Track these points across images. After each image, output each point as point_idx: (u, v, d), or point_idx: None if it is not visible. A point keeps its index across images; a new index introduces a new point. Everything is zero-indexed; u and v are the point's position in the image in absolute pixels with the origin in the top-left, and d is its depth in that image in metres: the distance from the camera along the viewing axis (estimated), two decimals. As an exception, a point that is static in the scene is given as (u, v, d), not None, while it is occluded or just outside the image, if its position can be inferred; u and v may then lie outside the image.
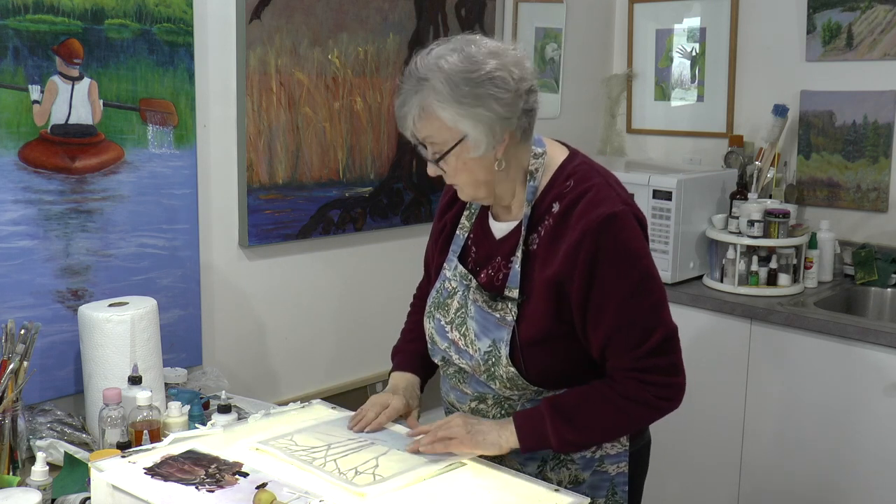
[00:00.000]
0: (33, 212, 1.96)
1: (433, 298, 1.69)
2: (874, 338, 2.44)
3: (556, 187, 1.57)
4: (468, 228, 1.69)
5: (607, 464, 1.64)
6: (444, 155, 1.51)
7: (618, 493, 1.65)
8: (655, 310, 1.52)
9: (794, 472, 2.64)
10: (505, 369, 1.55)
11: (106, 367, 1.91)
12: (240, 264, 2.42)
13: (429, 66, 1.48)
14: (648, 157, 3.58)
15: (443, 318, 1.66)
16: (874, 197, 2.97)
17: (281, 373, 2.57)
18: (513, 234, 1.61)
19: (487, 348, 1.57)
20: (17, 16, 1.88)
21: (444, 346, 1.66)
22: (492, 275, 1.61)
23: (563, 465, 1.62)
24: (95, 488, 1.41)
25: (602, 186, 1.54)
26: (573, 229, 1.50)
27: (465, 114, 1.47)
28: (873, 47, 2.93)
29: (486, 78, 1.46)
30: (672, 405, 1.54)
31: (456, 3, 2.84)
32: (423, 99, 1.48)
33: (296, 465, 1.45)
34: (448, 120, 1.48)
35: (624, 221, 1.50)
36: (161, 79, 2.13)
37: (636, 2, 3.53)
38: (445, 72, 1.46)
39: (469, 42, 1.50)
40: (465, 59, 1.47)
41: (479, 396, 1.63)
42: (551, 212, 1.55)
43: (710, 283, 2.92)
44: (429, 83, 1.47)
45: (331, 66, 2.52)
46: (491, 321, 1.57)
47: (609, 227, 1.48)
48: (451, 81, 1.45)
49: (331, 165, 2.56)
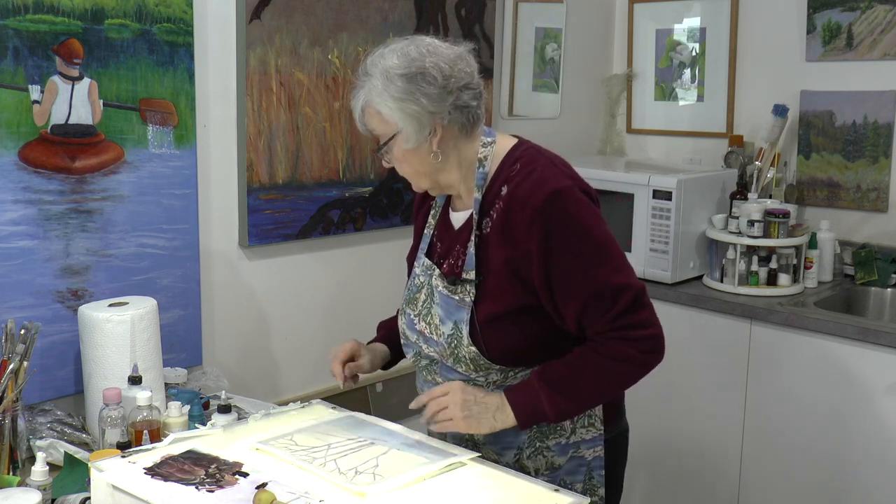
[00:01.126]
0: (33, 212, 1.96)
1: (404, 296, 1.77)
2: (874, 338, 2.44)
3: (504, 171, 1.64)
4: (433, 226, 1.76)
5: (583, 449, 1.68)
6: (382, 146, 1.62)
7: (594, 477, 1.69)
8: (618, 273, 1.57)
9: (794, 472, 2.64)
10: (467, 349, 1.61)
11: (106, 367, 1.91)
12: (240, 264, 2.42)
13: (374, 62, 1.59)
14: (648, 157, 3.58)
15: (412, 312, 1.73)
16: (874, 197, 2.98)
17: (281, 373, 2.57)
18: (469, 221, 1.67)
19: (450, 331, 1.63)
20: (17, 16, 1.88)
21: (414, 338, 1.73)
22: (452, 263, 1.68)
23: (540, 452, 1.66)
24: (95, 488, 1.41)
25: (547, 166, 1.61)
26: (522, 210, 1.57)
27: (397, 108, 1.56)
28: (873, 47, 2.93)
29: (417, 73, 1.55)
30: (657, 357, 1.59)
31: (456, 3, 2.84)
32: (366, 94, 1.59)
33: (296, 465, 1.45)
34: (385, 114, 1.58)
35: (569, 194, 1.56)
36: (161, 79, 2.13)
37: (636, 2, 3.53)
38: (383, 68, 1.57)
39: (412, 41, 1.60)
40: (401, 56, 1.57)
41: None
42: (500, 195, 1.62)
43: (710, 283, 2.92)
44: (371, 79, 1.58)
45: (331, 66, 2.52)
46: (452, 304, 1.64)
47: (555, 203, 1.54)
48: (387, 77, 1.56)
49: (331, 165, 2.56)
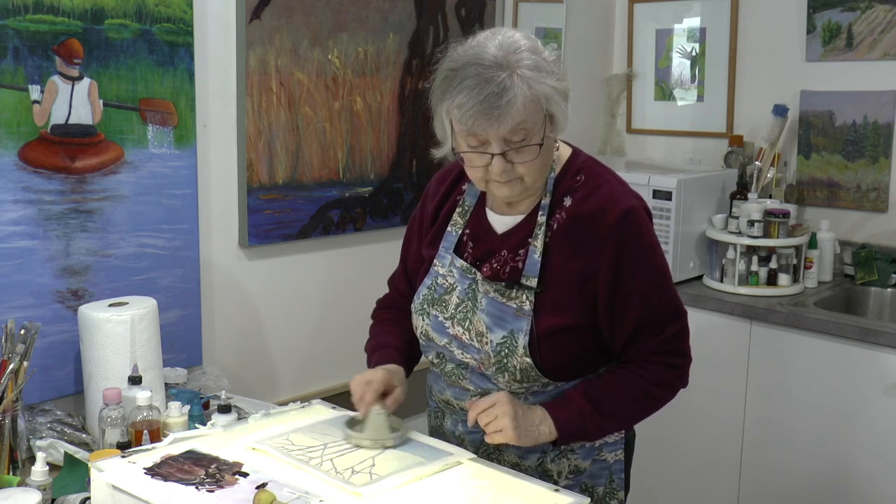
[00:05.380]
0: (33, 212, 1.96)
1: (425, 296, 1.67)
2: (874, 338, 2.44)
3: (566, 181, 1.59)
4: (462, 225, 1.67)
5: (605, 452, 1.67)
6: (532, 139, 1.46)
7: (615, 480, 1.69)
8: (674, 297, 1.61)
9: (794, 472, 2.63)
10: (520, 360, 1.54)
11: (106, 367, 1.91)
12: (240, 264, 2.42)
13: (504, 49, 1.43)
14: (648, 157, 3.58)
15: (440, 315, 1.64)
16: (874, 197, 2.97)
17: (281, 373, 2.57)
18: (519, 227, 1.60)
19: (501, 339, 1.55)
20: (17, 16, 1.88)
21: (444, 342, 1.64)
22: (497, 268, 1.60)
23: (564, 455, 1.63)
24: (95, 488, 1.41)
25: (615, 182, 1.59)
26: (594, 224, 1.53)
27: (553, 88, 1.45)
28: (873, 47, 2.93)
29: (552, 58, 1.47)
30: (683, 384, 1.62)
31: (456, 3, 2.85)
32: (526, 81, 1.42)
33: (292, 465, 1.45)
34: (542, 98, 1.45)
35: (640, 215, 1.56)
36: (161, 79, 2.13)
37: (636, 2, 3.53)
38: (527, 50, 1.44)
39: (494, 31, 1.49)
40: (524, 38, 1.46)
41: (483, 392, 1.61)
42: (563, 205, 1.57)
43: (710, 283, 2.92)
44: (518, 65, 1.42)
45: (331, 66, 2.52)
46: (508, 312, 1.56)
47: (628, 222, 1.53)
48: (534, 59, 1.44)
49: (331, 165, 2.56)
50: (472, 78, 1.41)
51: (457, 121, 1.46)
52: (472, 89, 1.41)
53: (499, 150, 1.46)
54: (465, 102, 1.42)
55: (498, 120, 1.42)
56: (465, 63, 1.44)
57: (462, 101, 1.42)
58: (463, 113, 1.43)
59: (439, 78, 1.49)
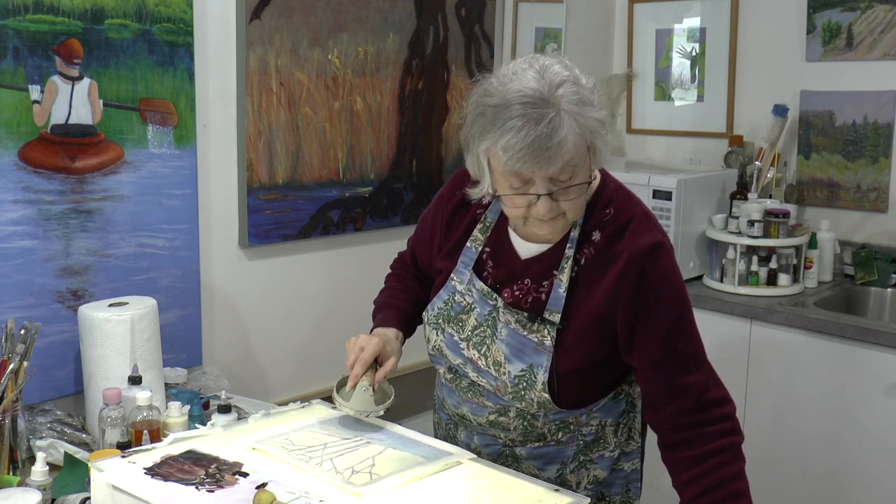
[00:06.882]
0: (33, 212, 1.96)
1: (439, 310, 1.62)
2: (874, 338, 2.44)
3: (595, 214, 1.51)
4: (482, 241, 1.60)
5: (623, 461, 1.66)
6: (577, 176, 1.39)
7: (631, 489, 1.68)
8: (695, 339, 1.51)
9: (794, 471, 2.63)
10: (538, 394, 1.50)
11: (106, 367, 1.91)
12: (240, 264, 2.42)
13: (546, 83, 1.36)
14: (648, 157, 3.58)
15: (456, 334, 1.59)
16: (874, 197, 2.97)
17: (281, 373, 2.57)
18: (545, 256, 1.54)
19: (520, 372, 1.51)
20: (17, 16, 1.88)
21: (458, 361, 1.60)
22: (519, 296, 1.54)
23: (583, 465, 1.62)
24: (95, 488, 1.41)
25: (642, 218, 1.51)
26: (617, 261, 1.47)
27: (597, 121, 1.39)
28: (873, 47, 2.93)
29: (590, 85, 1.42)
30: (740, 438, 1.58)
31: (456, 3, 2.84)
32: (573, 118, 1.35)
33: (292, 465, 1.45)
34: (588, 132, 1.38)
35: (665, 252, 1.48)
36: (161, 79, 2.13)
37: (636, 2, 3.53)
38: (570, 82, 1.37)
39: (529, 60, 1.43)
40: (563, 68, 1.40)
41: (501, 409, 1.59)
42: (591, 240, 1.51)
43: (710, 283, 2.92)
44: (563, 99, 1.35)
45: (331, 66, 2.52)
46: (528, 345, 1.50)
47: (653, 258, 1.46)
48: (577, 90, 1.37)
49: (331, 165, 2.56)
50: (519, 118, 1.33)
51: (500, 162, 1.37)
52: (520, 130, 1.32)
53: (545, 191, 1.38)
54: (514, 144, 1.33)
55: (548, 161, 1.34)
56: (506, 100, 1.35)
57: (509, 143, 1.33)
58: (510, 156, 1.34)
59: (474, 113, 1.41)
